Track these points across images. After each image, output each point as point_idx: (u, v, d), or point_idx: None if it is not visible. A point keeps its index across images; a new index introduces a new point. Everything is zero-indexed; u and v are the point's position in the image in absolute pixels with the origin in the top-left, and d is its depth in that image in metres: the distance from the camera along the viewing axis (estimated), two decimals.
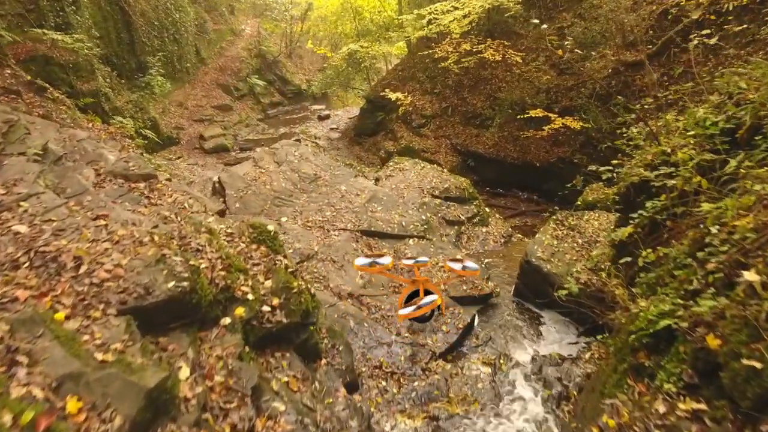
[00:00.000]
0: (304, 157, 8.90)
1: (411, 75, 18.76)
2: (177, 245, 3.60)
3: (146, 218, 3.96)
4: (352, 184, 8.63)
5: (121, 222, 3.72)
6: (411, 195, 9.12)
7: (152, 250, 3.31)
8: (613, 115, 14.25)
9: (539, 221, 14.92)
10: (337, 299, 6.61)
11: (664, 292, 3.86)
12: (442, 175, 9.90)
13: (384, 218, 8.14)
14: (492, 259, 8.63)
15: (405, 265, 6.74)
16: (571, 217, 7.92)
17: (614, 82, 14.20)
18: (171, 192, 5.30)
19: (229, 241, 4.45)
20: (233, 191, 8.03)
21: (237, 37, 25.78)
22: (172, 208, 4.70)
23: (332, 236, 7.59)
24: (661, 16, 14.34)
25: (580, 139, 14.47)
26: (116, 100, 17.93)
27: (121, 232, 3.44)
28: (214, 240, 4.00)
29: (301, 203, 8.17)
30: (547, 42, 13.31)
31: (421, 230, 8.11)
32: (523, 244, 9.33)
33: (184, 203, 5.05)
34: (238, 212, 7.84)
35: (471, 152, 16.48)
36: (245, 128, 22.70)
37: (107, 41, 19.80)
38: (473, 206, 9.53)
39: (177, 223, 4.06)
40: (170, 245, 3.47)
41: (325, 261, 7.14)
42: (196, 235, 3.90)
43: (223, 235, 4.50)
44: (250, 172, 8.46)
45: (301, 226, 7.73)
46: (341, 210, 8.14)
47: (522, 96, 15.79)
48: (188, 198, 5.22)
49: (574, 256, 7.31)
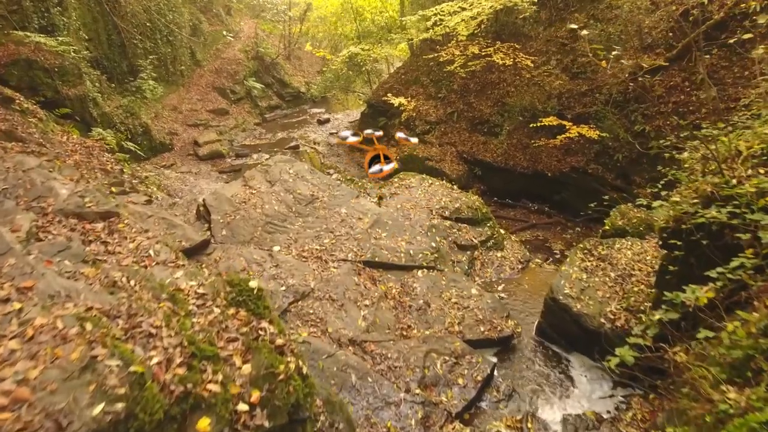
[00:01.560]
0: (299, 175, 7.94)
1: (414, 78, 17.77)
2: (119, 333, 2.64)
3: (87, 287, 3.00)
4: (353, 206, 7.67)
5: (47, 298, 2.76)
6: (418, 216, 8.16)
7: (78, 351, 2.35)
8: (631, 123, 13.30)
9: (551, 234, 13.98)
10: (337, 347, 5.65)
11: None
12: (452, 192, 8.93)
13: (389, 246, 7.17)
14: (509, 288, 7.68)
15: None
16: (600, 246, 6.96)
17: (631, 88, 13.21)
18: (135, 234, 4.35)
19: (200, 306, 3.48)
20: (219, 216, 7.07)
21: (234, 39, 24.76)
22: (131, 259, 3.76)
23: (331, 269, 6.63)
24: (682, 17, 13.32)
25: (594, 148, 13.49)
26: (105, 106, 16.93)
27: (39, 321, 2.48)
28: (177, 315, 3.04)
29: (296, 229, 7.20)
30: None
31: (430, 260, 7.15)
32: (542, 270, 8.37)
33: (150, 249, 4.11)
34: (225, 240, 6.88)
35: (478, 161, 15.52)
36: (242, 133, 21.72)
37: (97, 43, 18.79)
38: (487, 228, 8.57)
39: (129, 290, 3.11)
40: (107, 337, 2.51)
41: (322, 299, 6.18)
42: (150, 311, 2.94)
43: (193, 297, 3.54)
44: (239, 193, 7.50)
45: (296, 257, 6.77)
46: (341, 237, 7.17)
47: (532, 101, 14.81)
48: (155, 242, 4.26)
49: (606, 293, 6.35)
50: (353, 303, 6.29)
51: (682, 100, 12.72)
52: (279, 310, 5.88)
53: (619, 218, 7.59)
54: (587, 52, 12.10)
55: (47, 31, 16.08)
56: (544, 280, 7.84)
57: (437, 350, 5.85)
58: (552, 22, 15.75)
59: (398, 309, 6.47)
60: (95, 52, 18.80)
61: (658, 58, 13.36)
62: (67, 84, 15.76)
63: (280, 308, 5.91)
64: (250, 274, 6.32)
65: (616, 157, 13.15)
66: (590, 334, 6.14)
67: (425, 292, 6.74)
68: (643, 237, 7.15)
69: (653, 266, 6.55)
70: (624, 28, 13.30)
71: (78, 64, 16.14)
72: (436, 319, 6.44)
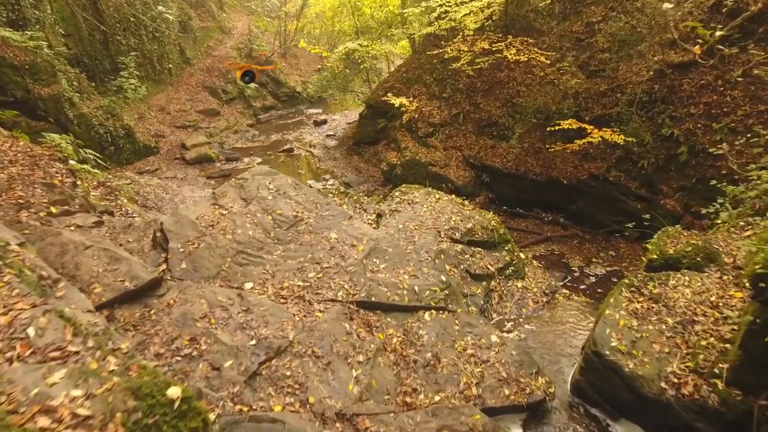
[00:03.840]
0: (281, 191, 6.52)
1: (416, 77, 16.31)
2: None
3: None
4: (345, 230, 6.24)
5: None
6: (424, 240, 6.73)
7: None
8: (657, 126, 11.84)
9: (567, 249, 12.52)
10: (321, 425, 4.24)
11: None
12: (463, 209, 7.48)
13: (389, 281, 5.75)
14: (534, 328, 6.26)
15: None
16: (651, 282, 5.53)
17: (657, 87, 11.76)
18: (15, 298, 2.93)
19: None
20: (180, 244, 5.66)
21: (226, 36, 23.31)
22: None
23: (316, 313, 5.21)
24: (713, 8, 11.87)
25: (616, 153, 12.04)
26: (83, 106, 15.46)
27: None
28: None
29: (275, 260, 5.77)
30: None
31: (440, 298, 5.73)
32: (572, 304, 6.93)
33: (30, 326, 2.70)
34: (185, 276, 5.45)
35: (486, 166, 14.08)
36: (233, 135, 20.28)
37: (77, 39, 17.30)
38: (504, 252, 7.13)
39: None
40: None
41: (303, 356, 4.76)
42: None
43: (67, 428, 2.13)
44: (206, 214, 6.07)
45: (273, 297, 5.34)
46: (330, 270, 5.75)
47: (546, 102, 13.37)
48: (41, 313, 2.84)
49: (665, 347, 4.93)
50: (343, 360, 4.86)
51: (715, 101, 11.24)
52: (246, 374, 4.46)
53: (669, 244, 6.15)
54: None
55: (18, 25, 14.63)
56: (577, 319, 6.42)
57: (450, 427, 4.43)
58: (566, 16, 14.28)
59: (400, 365, 5.05)
60: (75, 49, 17.34)
61: (686, 54, 11.91)
62: (40, 83, 14.32)
63: (248, 371, 4.49)
64: (212, 322, 4.90)
65: (640, 163, 11.70)
66: (647, 401, 4.72)
67: (434, 341, 5.32)
68: (702, 270, 5.72)
69: (721, 311, 5.13)
70: (652, 20, 11.82)
71: (52, 61, 14.68)
72: (447, 378, 5.02)
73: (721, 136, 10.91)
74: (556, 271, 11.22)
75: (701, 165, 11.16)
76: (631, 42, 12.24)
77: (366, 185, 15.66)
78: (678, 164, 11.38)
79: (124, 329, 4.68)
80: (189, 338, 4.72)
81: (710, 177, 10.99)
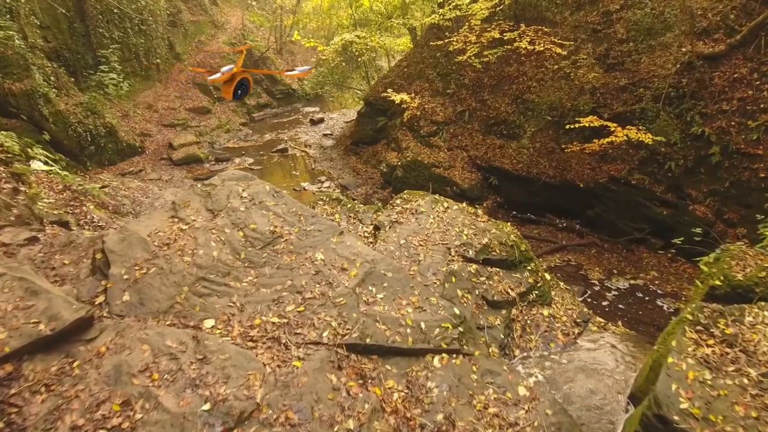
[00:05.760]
0: (257, 200, 5.26)
1: (418, 72, 15.05)
2: None
3: None
4: (335, 249, 5.01)
5: None
6: (431, 258, 5.49)
7: None
8: (685, 125, 10.59)
9: (585, 259, 11.25)
10: None
11: None
12: (476, 221, 6.23)
13: (388, 315, 4.51)
14: (567, 371, 5.02)
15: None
16: (721, 320, 4.29)
17: (685, 81, 10.52)
18: None
19: None
20: (124, 269, 4.42)
21: (219, 30, 22.06)
22: None
23: (294, 362, 3.97)
24: None
25: (640, 153, 10.79)
26: (60, 103, 14.16)
27: None
28: None
29: (245, 289, 4.53)
30: None
31: (452, 336, 4.48)
32: (609, 337, 5.68)
33: None
34: (127, 311, 4.21)
35: (494, 168, 12.83)
36: (225, 134, 19.04)
37: (56, 32, 15.99)
38: (527, 273, 5.89)
39: None
40: None
41: (274, 426, 3.53)
42: None
43: None
44: (162, 229, 4.82)
45: (238, 340, 4.11)
46: (314, 301, 4.51)
47: (559, 98, 12.12)
48: None
49: (751, 409, 3.70)
50: (327, 427, 3.63)
51: (750, 96, 9.98)
52: None
53: (734, 267, 4.91)
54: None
55: None
56: (618, 357, 5.18)
57: None
58: (581, 5, 13.01)
59: None
60: (54, 42, 16.05)
61: (716, 45, 10.67)
62: (11, 77, 13.05)
63: None
64: (155, 378, 3.67)
65: (667, 165, 10.44)
66: None
67: (446, 396, 4.08)
68: None
69: None
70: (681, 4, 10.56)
71: (25, 54, 13.42)
72: None
73: (758, 135, 9.68)
74: (574, 284, 10.00)
75: (735, 167, 9.92)
76: (658, 31, 10.97)
77: (364, 188, 14.42)
78: (709, 166, 10.15)
79: (31, 391, 3.45)
80: (121, 402, 3.49)
81: (746, 181, 9.79)
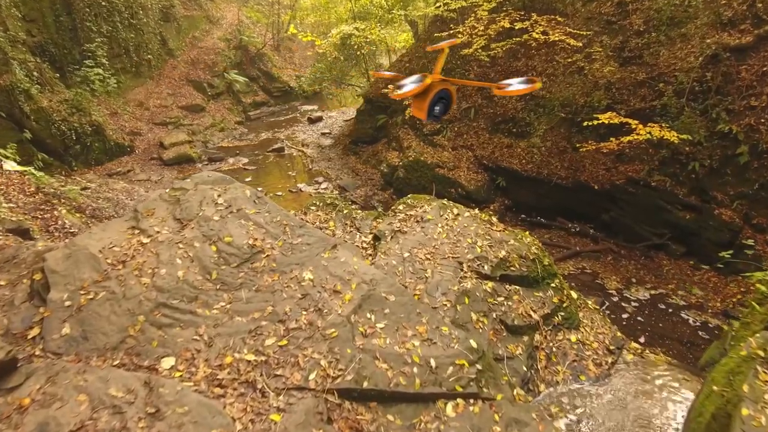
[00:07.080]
0: (234, 207, 4.41)
1: (420, 67, 14.19)
2: None
3: None
4: (326, 266, 4.17)
5: None
6: (440, 275, 4.66)
7: None
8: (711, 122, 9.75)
9: (600, 266, 10.37)
10: None
11: None
12: (491, 230, 5.38)
13: (390, 351, 3.67)
14: (602, 413, 4.19)
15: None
16: None
17: (710, 75, 9.67)
18: None
19: None
20: (66, 294, 3.59)
21: (214, 26, 21.20)
22: None
23: (271, 414, 3.13)
24: None
25: (660, 153, 9.93)
26: (42, 100, 13.30)
27: None
28: None
29: (215, 317, 3.69)
30: None
31: (469, 377, 3.65)
32: (645, 366, 4.84)
33: None
34: (66, 349, 3.37)
35: (502, 168, 11.99)
36: (219, 133, 18.19)
37: (41, 26, 15.14)
38: (551, 291, 5.05)
39: None
40: None
41: None
42: None
43: None
44: (118, 243, 3.99)
45: (203, 386, 3.26)
46: (299, 332, 3.67)
47: (572, 94, 11.28)
48: None
49: None
50: None
51: None
52: None
53: None
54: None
55: None
56: (663, 394, 4.34)
57: None
58: None
59: None
60: (39, 36, 15.25)
61: (743, 36, 9.82)
62: None
63: None
64: None
65: (690, 165, 9.59)
66: None
67: None
68: None
69: None
70: None
71: (4, 47, 12.63)
72: None
73: None
74: (591, 295, 9.17)
75: (765, 168, 9.08)
76: (682, 20, 10.10)
77: (363, 189, 13.58)
78: (736, 167, 9.30)
79: None
80: None
81: None
